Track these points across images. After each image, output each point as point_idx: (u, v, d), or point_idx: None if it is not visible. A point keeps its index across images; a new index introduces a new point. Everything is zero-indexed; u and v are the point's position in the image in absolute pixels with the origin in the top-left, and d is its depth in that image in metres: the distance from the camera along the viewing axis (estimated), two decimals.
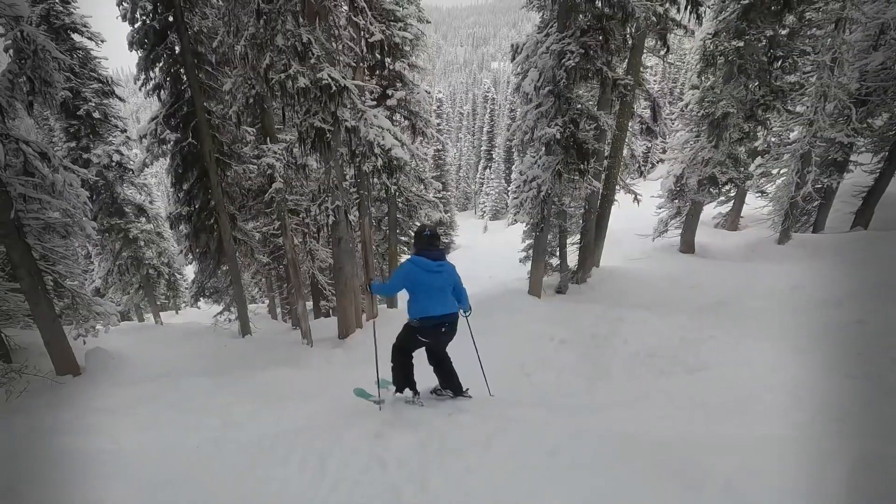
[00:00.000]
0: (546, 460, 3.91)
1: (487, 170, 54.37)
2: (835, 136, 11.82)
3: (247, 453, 3.95)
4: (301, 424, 4.45)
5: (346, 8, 8.84)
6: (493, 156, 54.47)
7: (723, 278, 11.14)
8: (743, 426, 4.94)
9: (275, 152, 9.55)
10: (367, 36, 9.06)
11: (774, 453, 4.16)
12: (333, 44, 8.63)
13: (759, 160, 14.33)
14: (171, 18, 9.66)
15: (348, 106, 8.60)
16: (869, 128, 12.69)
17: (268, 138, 10.20)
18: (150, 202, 17.15)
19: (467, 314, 5.33)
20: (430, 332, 4.60)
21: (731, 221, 16.94)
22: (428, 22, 13.04)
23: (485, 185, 53.15)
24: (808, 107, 11.65)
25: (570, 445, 4.16)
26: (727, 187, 13.47)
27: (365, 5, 8.46)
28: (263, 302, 24.16)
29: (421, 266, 4.45)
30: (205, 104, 10.40)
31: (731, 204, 17.03)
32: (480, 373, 5.72)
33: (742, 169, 12.57)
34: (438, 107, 41.92)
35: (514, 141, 11.02)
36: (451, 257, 29.34)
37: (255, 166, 10.66)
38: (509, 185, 45.98)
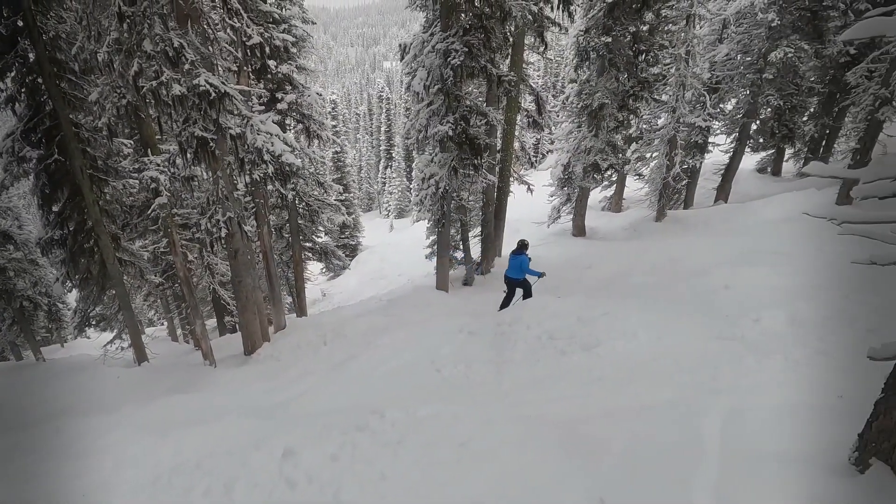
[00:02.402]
0: (457, 453, 4.02)
1: (389, 169, 54.10)
2: (694, 121, 13.24)
3: (143, 492, 3.72)
4: (203, 452, 4.24)
5: (222, 10, 8.44)
6: (393, 154, 54.33)
7: (612, 257, 12.03)
8: (635, 395, 5.34)
9: (157, 164, 8.93)
10: (245, 39, 8.73)
11: (662, 417, 4.60)
12: (210, 48, 8.21)
13: (634, 146, 15.67)
14: (20, 23, 8.64)
15: (235, 112, 8.24)
16: (721, 112, 14.37)
17: (149, 150, 9.51)
18: (19, 227, 15.31)
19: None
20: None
21: (615, 204, 18.38)
22: (313, 23, 12.79)
23: (387, 185, 52.90)
24: (670, 95, 12.92)
25: (480, 435, 4.32)
26: (609, 172, 14.61)
27: (240, 7, 8.11)
28: (162, 324, 22.53)
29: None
30: (71, 116, 9.46)
31: (613, 188, 18.49)
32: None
33: (620, 155, 13.69)
34: (333, 108, 41.01)
35: (410, 140, 11.16)
36: (359, 259, 29.08)
37: (137, 181, 9.90)
38: (411, 183, 46.27)
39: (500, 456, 4.04)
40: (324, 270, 28.22)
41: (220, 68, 8.51)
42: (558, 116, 17.31)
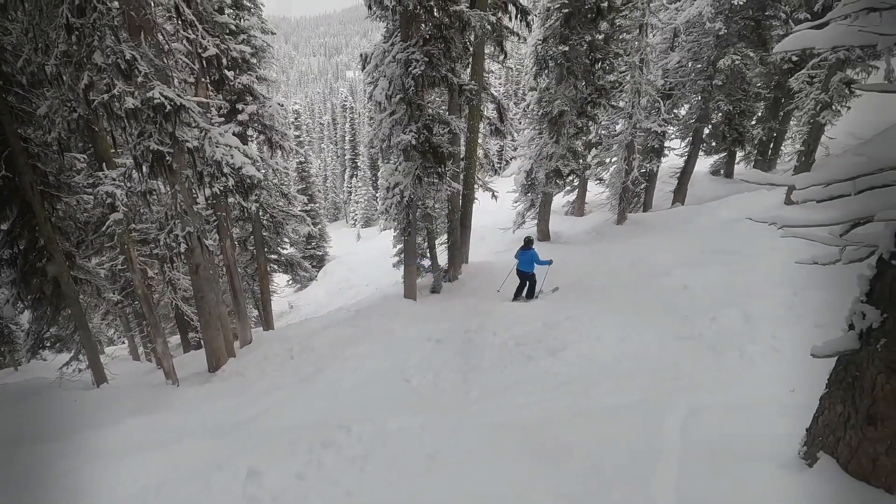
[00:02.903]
0: (425, 465, 4.02)
1: (354, 178, 53.83)
2: (650, 127, 13.70)
3: None
4: (163, 477, 4.13)
5: (177, 22, 8.29)
6: (359, 164, 54.02)
7: (576, 261, 12.23)
8: (600, 397, 5.47)
9: (113, 179, 8.68)
10: (200, 51, 8.60)
11: (626, 418, 4.70)
12: (165, 59, 8.05)
13: (594, 151, 16.05)
14: None
15: (193, 125, 8.09)
16: (675, 117, 14.89)
17: (103, 164, 9.23)
18: None
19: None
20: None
21: (578, 208, 18.78)
22: (273, 33, 12.69)
23: (353, 194, 52.59)
24: (626, 102, 13.32)
25: (448, 445, 4.32)
26: (571, 178, 14.93)
27: (194, 18, 7.98)
28: (123, 342, 21.78)
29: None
30: (19, 131, 9.10)
31: (575, 193, 18.89)
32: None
33: (581, 160, 14.01)
34: (296, 118, 40.68)
35: (374, 149, 11.18)
36: (326, 269, 28.77)
37: (92, 196, 9.59)
38: (377, 192, 46.01)
39: (468, 465, 4.06)
40: (290, 282, 27.79)
41: (175, 80, 8.34)
42: (520, 124, 17.61)
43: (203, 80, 10.21)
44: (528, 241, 10.40)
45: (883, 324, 2.58)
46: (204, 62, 9.12)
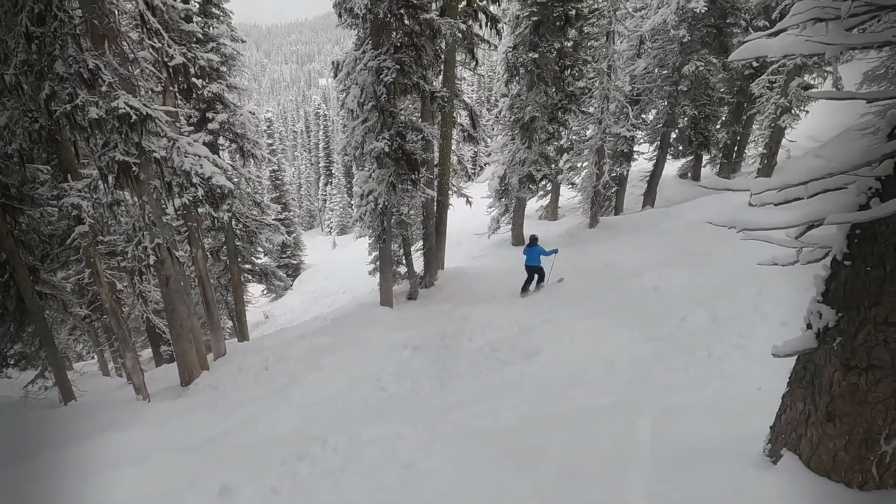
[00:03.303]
0: (402, 474, 4.02)
1: (329, 185, 53.41)
2: (619, 132, 13.99)
3: None
4: (133, 496, 4.02)
5: (142, 30, 8.14)
6: (333, 171, 53.69)
7: (550, 265, 12.37)
8: (573, 400, 5.53)
9: (78, 190, 8.45)
10: (167, 59, 8.46)
11: (599, 420, 4.75)
12: (130, 68, 7.88)
13: (565, 156, 16.31)
14: None
15: (161, 134, 7.94)
16: (643, 122, 15.23)
17: (69, 175, 8.99)
18: None
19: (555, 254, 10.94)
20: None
21: (551, 212, 19.04)
22: (243, 41, 12.58)
23: (328, 201, 52.13)
24: (596, 108, 13.58)
25: (425, 454, 4.31)
26: (543, 182, 15.14)
27: (160, 27, 7.85)
28: (92, 358, 21.15)
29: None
30: None
31: (548, 197, 19.17)
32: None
33: (553, 165, 14.23)
34: (269, 126, 40.28)
35: (348, 157, 11.17)
36: (302, 278, 28.46)
37: (56, 208, 9.33)
38: (352, 199, 45.71)
39: (444, 474, 4.06)
40: (265, 292, 27.41)
41: (142, 89, 8.19)
42: (493, 130, 17.85)
43: (171, 88, 10.04)
44: (534, 239, 11.06)
45: (838, 323, 2.64)
46: (171, 71, 8.96)
